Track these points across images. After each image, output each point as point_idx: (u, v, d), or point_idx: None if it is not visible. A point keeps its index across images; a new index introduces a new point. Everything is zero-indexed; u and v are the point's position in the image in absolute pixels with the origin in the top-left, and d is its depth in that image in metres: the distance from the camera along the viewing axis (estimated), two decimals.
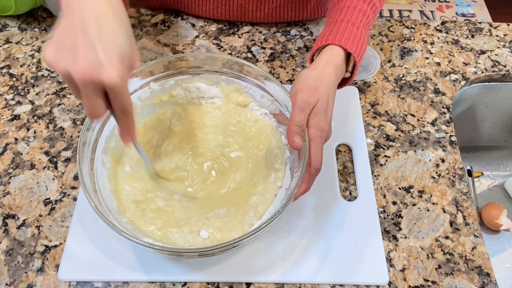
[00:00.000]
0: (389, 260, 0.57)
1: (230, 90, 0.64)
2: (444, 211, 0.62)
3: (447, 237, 0.60)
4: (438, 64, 0.79)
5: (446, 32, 0.84)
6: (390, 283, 0.56)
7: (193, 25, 0.83)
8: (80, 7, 0.40)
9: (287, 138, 0.51)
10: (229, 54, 0.79)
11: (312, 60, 0.60)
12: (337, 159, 0.66)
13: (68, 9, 0.41)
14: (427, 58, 0.80)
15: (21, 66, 0.76)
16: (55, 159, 0.65)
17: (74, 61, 0.40)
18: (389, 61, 0.79)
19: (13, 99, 0.72)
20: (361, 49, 0.57)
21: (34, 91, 0.73)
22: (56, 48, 0.41)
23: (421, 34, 0.84)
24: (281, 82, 0.75)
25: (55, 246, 0.57)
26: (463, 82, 0.77)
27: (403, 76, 0.77)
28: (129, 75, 0.43)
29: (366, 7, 0.60)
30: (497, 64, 0.79)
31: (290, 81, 0.75)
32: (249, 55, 0.79)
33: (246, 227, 0.54)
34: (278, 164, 0.60)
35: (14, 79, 0.74)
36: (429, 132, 0.70)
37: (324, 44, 0.57)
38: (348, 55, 0.58)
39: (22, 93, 0.73)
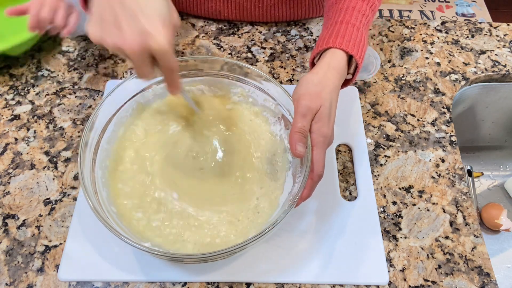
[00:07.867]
0: (389, 260, 0.57)
1: (234, 93, 0.64)
2: (444, 211, 0.62)
3: (447, 237, 0.60)
4: (438, 64, 0.79)
5: (446, 32, 0.84)
6: (390, 283, 0.56)
7: (193, 25, 0.83)
8: None
9: (289, 146, 0.51)
10: (229, 54, 0.79)
11: (313, 64, 0.59)
12: (337, 159, 0.66)
13: None
14: (427, 58, 0.80)
15: (21, 66, 0.76)
16: (55, 159, 0.65)
17: (120, 35, 0.41)
18: (389, 61, 0.79)
19: (13, 99, 0.72)
20: (362, 51, 0.57)
21: (34, 91, 0.73)
22: (99, 25, 0.42)
23: (421, 34, 0.84)
24: (281, 82, 0.75)
25: (55, 246, 0.57)
26: (463, 82, 0.77)
27: (403, 76, 0.77)
28: (173, 35, 0.44)
29: (365, 6, 0.59)
30: (497, 64, 0.79)
31: (290, 81, 0.75)
32: (249, 55, 0.79)
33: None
34: (280, 168, 0.59)
35: (14, 79, 0.74)
36: (429, 132, 0.70)
37: (325, 48, 0.56)
38: (349, 57, 0.57)
39: (22, 93, 0.73)
